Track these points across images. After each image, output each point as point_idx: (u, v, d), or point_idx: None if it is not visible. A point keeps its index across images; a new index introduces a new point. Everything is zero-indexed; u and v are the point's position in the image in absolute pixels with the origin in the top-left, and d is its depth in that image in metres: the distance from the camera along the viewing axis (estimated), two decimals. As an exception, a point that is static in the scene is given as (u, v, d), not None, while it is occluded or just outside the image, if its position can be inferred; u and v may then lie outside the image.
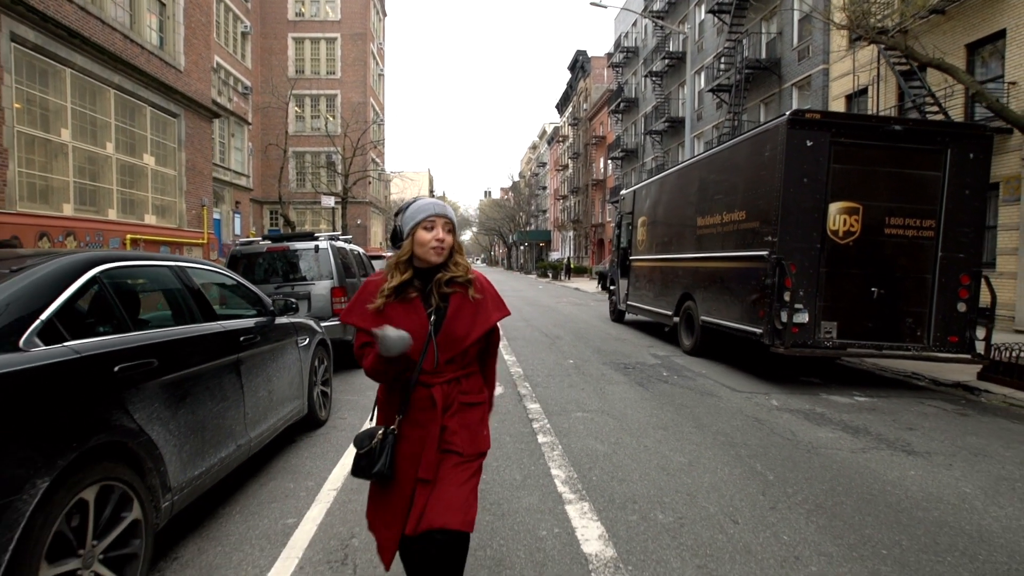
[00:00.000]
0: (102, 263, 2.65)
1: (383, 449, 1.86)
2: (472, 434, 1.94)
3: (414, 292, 1.91)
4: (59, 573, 1.98)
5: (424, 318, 1.88)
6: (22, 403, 1.92)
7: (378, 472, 1.85)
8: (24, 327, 2.10)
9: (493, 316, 1.96)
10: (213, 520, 3.24)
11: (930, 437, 4.93)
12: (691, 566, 2.71)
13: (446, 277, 1.90)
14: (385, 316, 1.85)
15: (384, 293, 1.87)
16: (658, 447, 4.47)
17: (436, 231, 1.87)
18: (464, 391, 1.96)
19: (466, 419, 1.94)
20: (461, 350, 1.91)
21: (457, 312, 1.90)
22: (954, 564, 2.76)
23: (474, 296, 1.93)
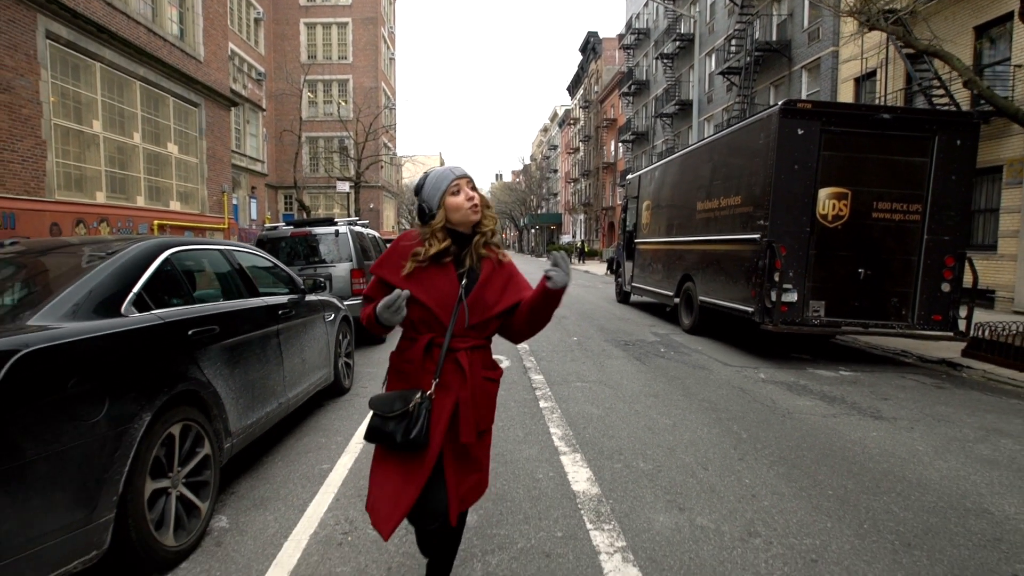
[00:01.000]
0: (170, 247, 3.19)
1: (419, 415, 1.79)
2: (488, 410, 1.97)
3: (449, 256, 1.91)
4: (156, 488, 2.54)
5: (455, 281, 1.88)
6: (129, 356, 2.47)
7: (415, 439, 1.77)
8: (122, 298, 2.64)
9: (525, 292, 1.95)
10: (260, 465, 3.81)
11: (901, 406, 5.39)
12: (662, 500, 3.23)
13: (482, 241, 1.92)
14: (415, 278, 1.87)
15: (419, 258, 1.87)
16: (647, 411, 4.98)
17: (464, 191, 1.88)
18: (485, 365, 1.96)
19: (486, 394, 1.95)
20: (488, 317, 1.90)
21: (489, 278, 1.91)
22: (887, 502, 3.25)
23: (501, 260, 1.95)
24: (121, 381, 2.37)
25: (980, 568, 2.58)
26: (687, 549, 2.71)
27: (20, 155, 10.19)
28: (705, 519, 3.01)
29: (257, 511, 3.17)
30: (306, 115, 35.80)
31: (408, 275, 1.86)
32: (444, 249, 1.87)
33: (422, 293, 1.85)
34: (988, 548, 2.76)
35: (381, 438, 1.81)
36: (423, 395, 1.83)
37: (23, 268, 2.82)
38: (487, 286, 1.90)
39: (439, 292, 1.85)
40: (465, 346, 1.88)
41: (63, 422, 2.08)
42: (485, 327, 1.93)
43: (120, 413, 2.31)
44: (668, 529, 2.90)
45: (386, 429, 1.79)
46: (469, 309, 1.86)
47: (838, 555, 2.67)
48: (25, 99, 10.27)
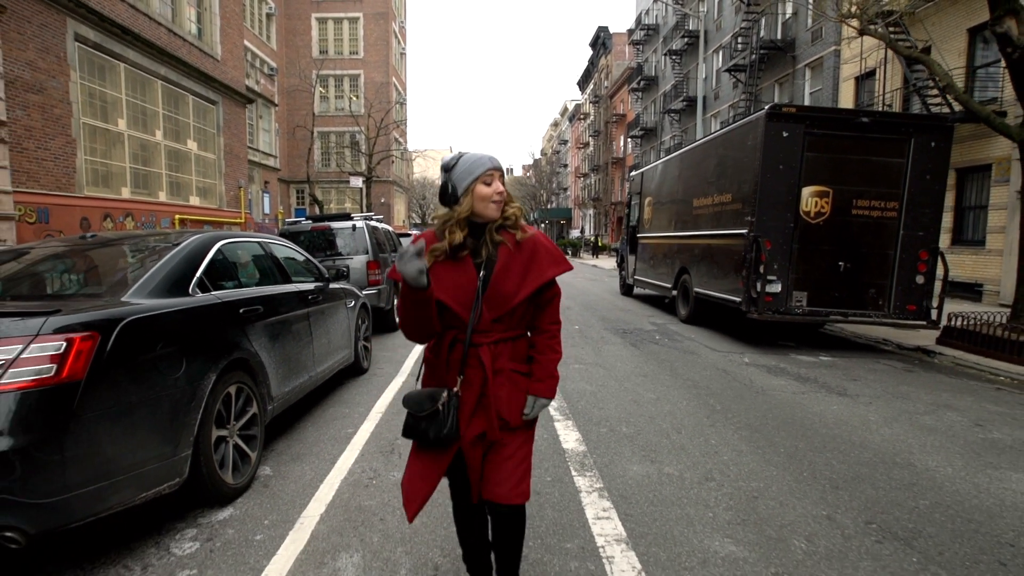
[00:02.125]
0: (222, 239, 3.78)
1: (448, 412, 1.81)
2: (518, 405, 1.90)
3: (465, 250, 1.84)
4: (219, 435, 3.13)
5: (473, 274, 1.82)
6: (197, 327, 3.06)
7: (446, 436, 1.80)
8: (189, 280, 3.23)
9: (548, 271, 1.85)
10: (293, 430, 4.41)
11: (867, 386, 5.91)
12: (638, 456, 3.79)
13: (494, 226, 1.85)
14: (438, 275, 1.81)
15: (435, 254, 1.83)
16: (635, 388, 5.53)
17: (495, 184, 1.81)
18: (514, 357, 1.90)
19: (518, 387, 1.89)
20: (508, 309, 1.83)
21: (505, 268, 1.82)
22: (829, 457, 3.80)
23: (520, 238, 1.85)
24: (193, 347, 2.96)
25: (889, 503, 3.13)
26: (652, 489, 3.27)
27: (52, 153, 10.85)
28: (671, 468, 3.57)
29: (295, 463, 3.76)
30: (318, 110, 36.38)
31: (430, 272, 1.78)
32: (461, 243, 1.83)
33: (441, 292, 1.80)
34: (901, 490, 3.30)
35: (415, 435, 1.86)
36: (449, 393, 1.83)
37: (107, 256, 3.41)
38: (504, 276, 1.82)
39: (457, 288, 1.81)
40: (488, 340, 1.84)
41: (155, 375, 2.67)
42: (510, 319, 1.86)
43: (194, 372, 2.90)
44: (639, 475, 3.47)
45: (419, 428, 1.84)
46: (487, 304, 1.81)
47: (776, 494, 3.22)
48: (56, 99, 10.91)
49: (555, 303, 1.96)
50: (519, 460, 1.88)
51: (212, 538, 2.80)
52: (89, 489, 2.32)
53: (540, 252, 1.86)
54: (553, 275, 1.85)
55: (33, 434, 2.16)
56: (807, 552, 2.64)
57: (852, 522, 2.94)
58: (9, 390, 2.15)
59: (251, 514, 3.04)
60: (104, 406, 2.39)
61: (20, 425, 2.14)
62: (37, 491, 2.16)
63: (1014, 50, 7.00)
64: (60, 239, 3.77)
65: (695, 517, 2.96)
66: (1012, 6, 6.95)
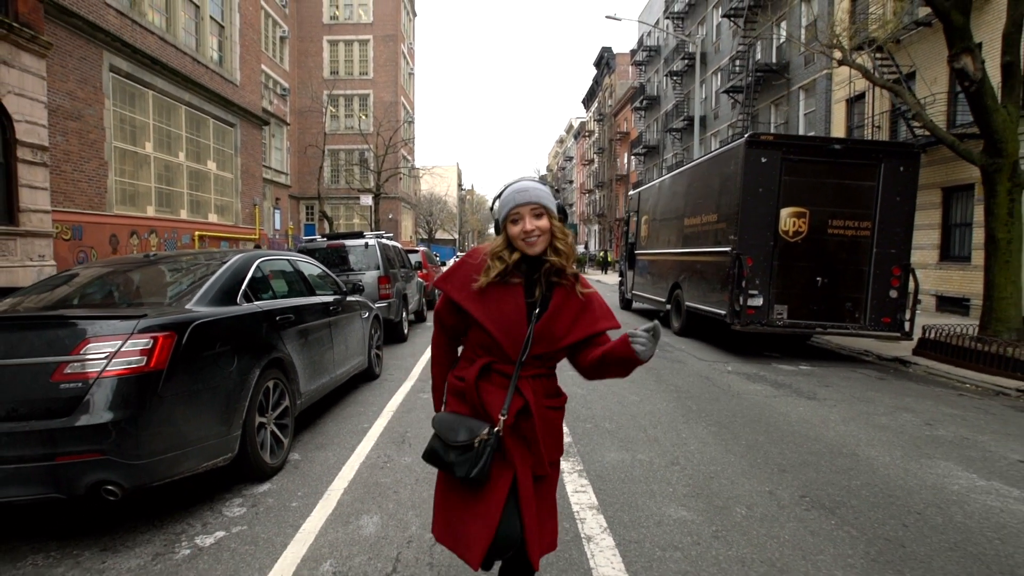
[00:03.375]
0: (260, 257, 4.43)
1: (483, 451, 1.68)
2: (555, 440, 1.86)
3: (517, 278, 1.79)
4: (260, 421, 3.74)
5: (522, 306, 1.76)
6: (245, 330, 3.69)
7: (475, 477, 1.67)
8: (237, 292, 3.86)
9: (600, 323, 1.81)
10: (316, 425, 5.01)
11: (837, 391, 6.45)
12: (616, 445, 4.36)
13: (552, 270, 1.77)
14: (484, 296, 1.77)
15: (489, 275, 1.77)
16: (622, 392, 6.10)
17: (523, 223, 1.73)
18: (548, 393, 1.85)
19: (550, 424, 1.84)
20: (555, 348, 1.77)
21: (560, 308, 1.77)
22: (783, 448, 4.36)
23: (582, 292, 1.80)
24: (242, 346, 3.58)
25: (825, 482, 3.69)
26: (625, 471, 3.85)
27: (87, 174, 11.64)
28: (643, 456, 4.14)
29: (320, 451, 4.36)
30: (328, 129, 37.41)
31: (480, 292, 1.77)
32: (505, 271, 1.76)
33: (485, 317, 1.76)
34: (839, 473, 3.86)
35: (441, 465, 1.74)
36: (491, 431, 1.71)
37: (169, 271, 4.06)
38: (557, 317, 1.76)
39: (504, 318, 1.75)
40: (527, 374, 1.78)
41: (214, 368, 3.30)
42: (551, 357, 1.82)
43: (243, 366, 3.52)
44: (615, 460, 4.04)
45: (447, 458, 1.72)
46: (535, 339, 1.73)
47: (730, 475, 3.79)
48: (92, 125, 11.74)
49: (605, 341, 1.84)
50: (552, 503, 1.85)
51: (256, 505, 3.39)
52: (168, 456, 2.94)
53: (594, 304, 1.83)
54: (603, 328, 1.81)
55: (129, 410, 2.78)
56: (745, 516, 3.21)
57: (789, 496, 3.50)
58: (112, 376, 2.77)
59: (286, 488, 3.64)
60: (179, 391, 3.02)
61: (120, 402, 2.77)
62: (131, 454, 2.78)
63: (971, 84, 7.62)
64: (127, 257, 4.43)
65: (657, 491, 3.54)
66: (968, 45, 7.58)
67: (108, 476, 2.72)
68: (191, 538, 2.99)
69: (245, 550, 2.86)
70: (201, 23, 16.14)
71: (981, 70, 7.64)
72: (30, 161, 9.65)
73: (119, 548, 2.89)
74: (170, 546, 2.91)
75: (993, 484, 3.79)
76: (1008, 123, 7.68)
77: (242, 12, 18.17)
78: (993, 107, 7.70)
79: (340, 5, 41.57)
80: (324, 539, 2.96)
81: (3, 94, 9.11)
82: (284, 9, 35.75)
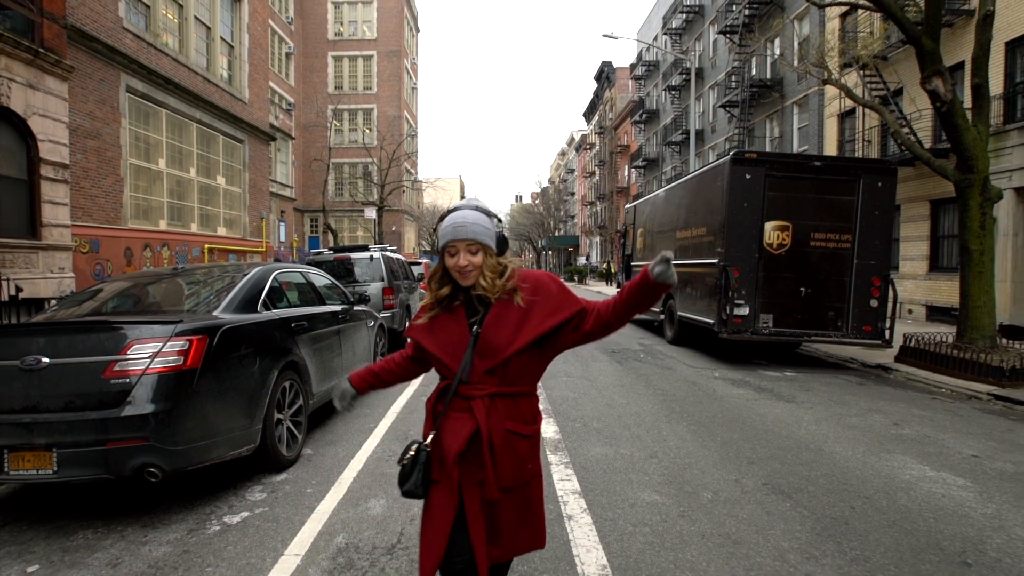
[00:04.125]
0: (276, 270, 4.86)
1: (414, 467, 1.78)
2: (517, 467, 1.79)
3: (458, 301, 1.84)
4: (278, 417, 4.16)
5: (465, 326, 1.79)
6: (265, 335, 4.11)
7: (408, 491, 1.77)
8: (256, 301, 4.29)
9: (547, 321, 1.76)
10: (325, 424, 5.41)
11: (815, 395, 6.83)
12: (601, 442, 4.76)
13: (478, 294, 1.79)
14: (433, 327, 1.85)
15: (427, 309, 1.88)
16: (611, 395, 6.50)
17: (458, 258, 1.77)
18: (511, 415, 1.79)
19: (512, 450, 1.78)
20: (500, 361, 1.75)
21: (497, 320, 1.76)
22: (755, 444, 4.74)
23: (520, 302, 1.77)
24: (263, 349, 4.01)
25: (788, 472, 4.08)
26: (607, 463, 4.24)
27: (104, 190, 12.14)
28: (625, 450, 4.54)
29: (330, 446, 4.76)
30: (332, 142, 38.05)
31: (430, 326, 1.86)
32: (447, 296, 1.84)
33: (431, 343, 1.83)
34: (802, 465, 4.25)
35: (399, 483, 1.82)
36: (420, 447, 1.80)
37: (196, 283, 4.50)
38: (496, 328, 1.76)
39: (447, 339, 1.80)
40: (481, 393, 1.76)
41: (239, 368, 3.72)
42: (504, 371, 1.77)
43: (264, 367, 3.95)
44: (599, 454, 4.44)
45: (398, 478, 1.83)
46: (478, 355, 1.76)
47: (702, 466, 4.18)
48: (109, 143, 12.26)
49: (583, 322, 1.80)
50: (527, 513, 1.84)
51: (275, 491, 3.80)
52: (201, 443, 3.36)
53: (539, 304, 1.78)
54: (551, 325, 1.76)
55: (168, 402, 3.20)
56: (711, 500, 3.60)
57: (753, 484, 3.89)
58: (154, 373, 3.20)
59: (301, 477, 4.04)
60: (210, 387, 3.44)
61: (161, 396, 3.19)
62: (170, 441, 3.20)
63: (942, 104, 8.06)
64: (158, 269, 4.88)
65: (634, 480, 3.93)
66: (938, 68, 8.03)
67: (151, 460, 3.14)
68: (219, 517, 3.39)
69: (268, 527, 3.26)
70: (212, 43, 16.75)
71: (951, 91, 8.09)
72: (52, 178, 10.15)
73: (157, 525, 3.30)
74: (202, 523, 3.31)
75: (942, 475, 4.17)
76: (978, 141, 8.11)
77: (251, 32, 18.81)
78: (964, 126, 8.13)
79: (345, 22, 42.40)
80: (337, 518, 3.36)
81: (29, 116, 9.63)
82: (290, 26, 36.56)
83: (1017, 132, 12.18)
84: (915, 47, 8.31)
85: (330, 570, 2.79)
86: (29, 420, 3.07)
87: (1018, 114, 12.49)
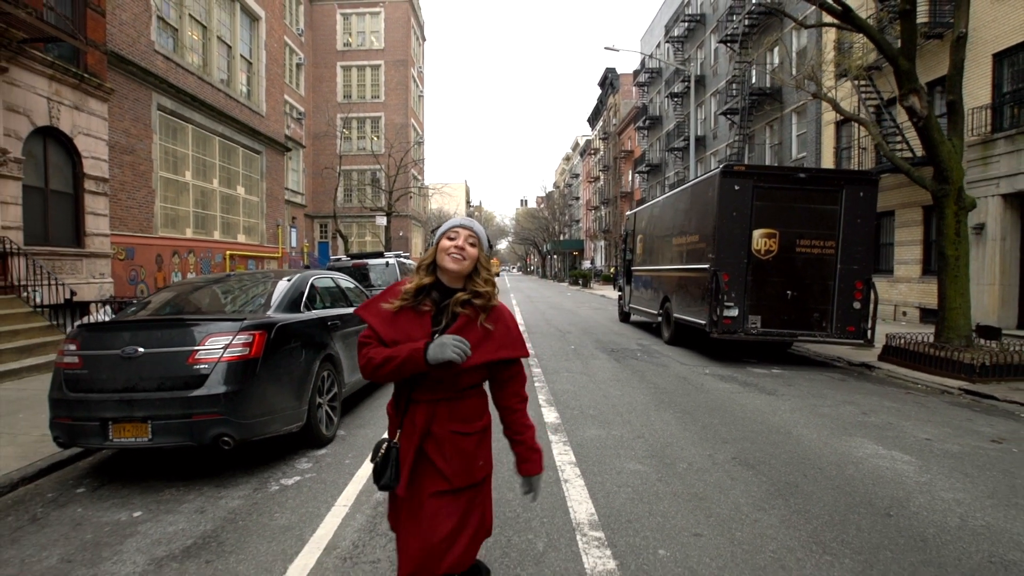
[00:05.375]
0: (312, 276, 5.60)
1: (386, 463, 1.86)
2: (465, 464, 1.89)
3: (427, 306, 1.89)
4: (319, 401, 4.88)
5: (428, 331, 1.85)
6: (308, 331, 4.84)
7: (384, 485, 1.86)
8: (299, 302, 5.02)
9: (501, 351, 1.87)
10: (354, 411, 6.13)
11: (796, 389, 7.47)
12: (596, 425, 5.44)
13: (463, 297, 1.87)
14: (395, 320, 1.87)
15: (403, 295, 1.89)
16: (607, 388, 7.18)
17: (457, 240, 1.86)
18: (455, 417, 1.89)
19: (458, 449, 1.89)
20: (452, 373, 1.82)
21: (458, 333, 1.82)
22: (732, 428, 5.41)
23: (483, 324, 1.86)
24: (307, 343, 4.73)
25: (756, 450, 4.75)
26: (600, 442, 4.93)
27: (138, 201, 12.97)
28: (616, 432, 5.22)
29: (360, 428, 5.48)
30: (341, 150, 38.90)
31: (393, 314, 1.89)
32: (425, 287, 1.90)
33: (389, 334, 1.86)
34: (770, 445, 4.92)
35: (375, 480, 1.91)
36: (389, 444, 1.88)
37: (246, 287, 5.23)
38: None
39: (409, 341, 1.83)
40: (428, 398, 1.87)
41: (290, 358, 4.44)
42: (454, 383, 1.87)
43: (309, 358, 4.67)
44: (593, 435, 5.12)
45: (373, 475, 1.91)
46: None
47: (682, 444, 4.86)
48: (142, 158, 13.10)
49: (517, 380, 1.97)
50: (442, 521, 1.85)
51: (319, 462, 4.51)
52: (263, 419, 4.08)
53: (499, 332, 1.88)
54: (504, 356, 1.88)
55: (238, 384, 3.93)
56: (685, 469, 4.28)
57: (723, 458, 4.56)
58: (226, 360, 3.92)
59: (339, 452, 4.75)
60: (269, 373, 4.16)
61: (232, 379, 3.91)
62: (239, 415, 3.92)
63: (919, 119, 8.70)
64: (214, 275, 5.64)
65: (622, 454, 4.62)
66: (914, 86, 8.68)
67: (225, 430, 3.86)
68: (277, 480, 4.11)
69: (317, 487, 3.98)
70: (232, 61, 17.63)
71: (927, 107, 8.73)
72: (94, 191, 10.98)
73: (227, 485, 4.02)
74: (263, 484, 4.03)
75: (892, 453, 4.83)
76: (953, 154, 8.74)
77: (268, 49, 19.69)
78: (939, 140, 8.76)
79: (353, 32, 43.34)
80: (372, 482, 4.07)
81: (75, 135, 10.47)
82: (300, 38, 37.56)
83: (1004, 141, 12.76)
84: (893, 66, 8.97)
85: (372, 516, 3.49)
86: (129, 398, 3.81)
87: (1005, 123, 13.07)
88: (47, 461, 4.47)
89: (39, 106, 9.77)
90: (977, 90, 13.39)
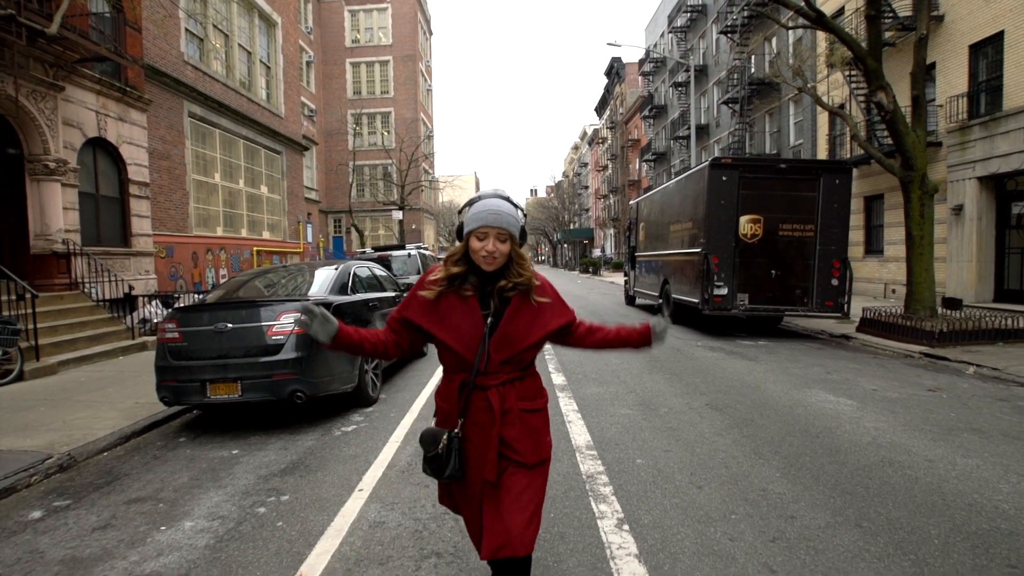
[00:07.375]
0: (354, 265, 6.64)
1: (450, 453, 1.89)
2: (535, 441, 1.94)
3: (470, 291, 1.89)
4: (366, 368, 5.92)
5: (480, 318, 1.87)
6: (356, 310, 5.89)
7: (449, 476, 1.90)
8: (347, 287, 6.07)
9: (553, 322, 1.95)
10: (391, 380, 7.18)
11: (775, 356, 8.43)
12: (595, 384, 6.46)
13: (508, 285, 1.87)
14: (440, 308, 1.89)
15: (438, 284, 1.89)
16: (608, 359, 8.18)
17: (487, 242, 1.82)
18: (522, 396, 1.94)
19: (528, 426, 1.93)
20: (517, 351, 1.88)
21: (515, 314, 1.87)
22: (714, 387, 6.41)
23: (536, 300, 1.90)
24: (356, 320, 5.78)
25: (728, 400, 5.75)
26: (598, 397, 5.95)
27: (174, 203, 14.09)
28: (612, 389, 6.25)
29: (398, 392, 6.54)
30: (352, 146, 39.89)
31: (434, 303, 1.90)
32: (460, 275, 1.89)
33: (448, 336, 1.88)
34: (739, 396, 5.91)
35: (429, 471, 1.95)
36: (450, 435, 1.90)
37: (299, 274, 6.28)
38: (513, 322, 1.88)
39: (464, 334, 1.87)
40: (496, 383, 1.89)
41: (343, 332, 5.49)
42: (517, 362, 1.92)
43: (357, 332, 5.72)
44: (594, 392, 6.15)
45: (429, 468, 1.94)
46: (496, 348, 1.86)
47: (666, 396, 5.88)
48: (177, 162, 14.20)
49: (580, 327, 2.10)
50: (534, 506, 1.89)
51: (368, 416, 5.56)
52: (325, 379, 5.14)
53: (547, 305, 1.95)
54: (563, 323, 2.00)
55: (306, 351, 4.98)
56: (665, 413, 5.30)
57: (698, 405, 5.57)
58: (296, 333, 4.97)
59: (383, 409, 5.81)
60: (329, 342, 5.22)
61: (301, 347, 4.96)
62: (308, 375, 4.97)
63: (886, 114, 9.56)
64: (271, 267, 6.73)
65: (617, 404, 5.64)
66: (881, 83, 9.52)
67: (298, 387, 4.92)
68: (338, 428, 5.17)
69: (370, 432, 5.03)
70: (253, 67, 18.65)
71: (893, 102, 9.58)
72: (137, 195, 12.10)
73: (299, 433, 5.09)
74: (327, 432, 5.09)
75: (840, 399, 5.80)
76: (917, 144, 9.59)
77: (284, 53, 20.69)
78: (905, 131, 9.61)
79: (361, 29, 44.08)
80: (415, 427, 5.12)
81: (120, 144, 11.57)
82: (310, 36, 38.47)
83: (979, 127, 13.52)
84: (862, 65, 9.81)
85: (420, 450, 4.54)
86: (223, 363, 4.88)
87: (981, 110, 13.83)
88: (146, 421, 5.57)
89: (89, 119, 10.85)
90: (956, 79, 14.15)
